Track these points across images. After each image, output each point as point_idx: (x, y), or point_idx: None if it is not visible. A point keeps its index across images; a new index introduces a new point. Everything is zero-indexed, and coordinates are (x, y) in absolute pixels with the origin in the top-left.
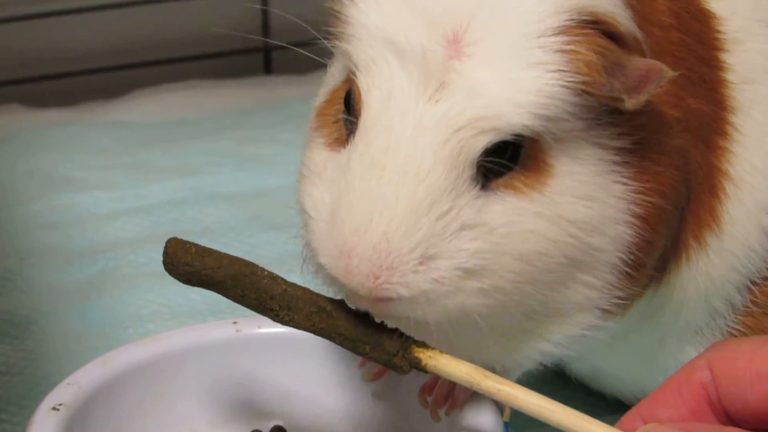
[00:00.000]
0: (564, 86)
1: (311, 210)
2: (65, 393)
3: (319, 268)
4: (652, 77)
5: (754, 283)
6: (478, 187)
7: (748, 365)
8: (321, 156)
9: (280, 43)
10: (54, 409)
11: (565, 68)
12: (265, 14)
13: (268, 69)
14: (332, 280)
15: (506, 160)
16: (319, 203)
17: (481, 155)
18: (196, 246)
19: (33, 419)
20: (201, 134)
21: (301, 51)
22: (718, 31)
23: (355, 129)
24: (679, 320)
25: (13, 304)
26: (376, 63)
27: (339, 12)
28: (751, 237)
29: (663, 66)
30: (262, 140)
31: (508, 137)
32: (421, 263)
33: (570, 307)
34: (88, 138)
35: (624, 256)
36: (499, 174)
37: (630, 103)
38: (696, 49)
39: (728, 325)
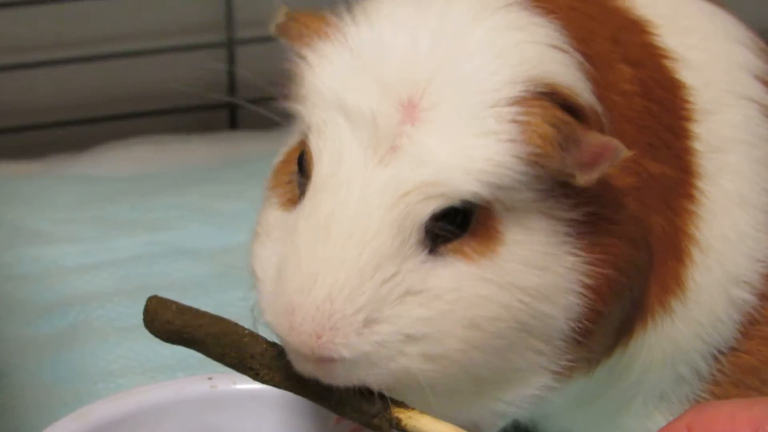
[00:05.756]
0: (515, 156)
1: (259, 271)
2: None
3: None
4: (607, 155)
5: (720, 352)
6: (426, 251)
7: (728, 428)
8: (273, 216)
9: (243, 103)
10: None
11: (517, 138)
12: (231, 71)
13: (233, 125)
14: (279, 339)
15: (456, 226)
16: (266, 264)
17: (430, 220)
18: (177, 304)
19: None
20: (167, 189)
21: (264, 111)
22: (687, 101)
23: (307, 190)
24: (645, 384)
25: None
26: (327, 125)
27: (295, 74)
28: (718, 306)
29: (618, 144)
30: (228, 196)
31: (456, 203)
32: (364, 326)
33: (521, 372)
34: (55, 191)
35: (573, 325)
36: (447, 239)
37: (582, 179)
38: (661, 116)
39: (694, 393)
